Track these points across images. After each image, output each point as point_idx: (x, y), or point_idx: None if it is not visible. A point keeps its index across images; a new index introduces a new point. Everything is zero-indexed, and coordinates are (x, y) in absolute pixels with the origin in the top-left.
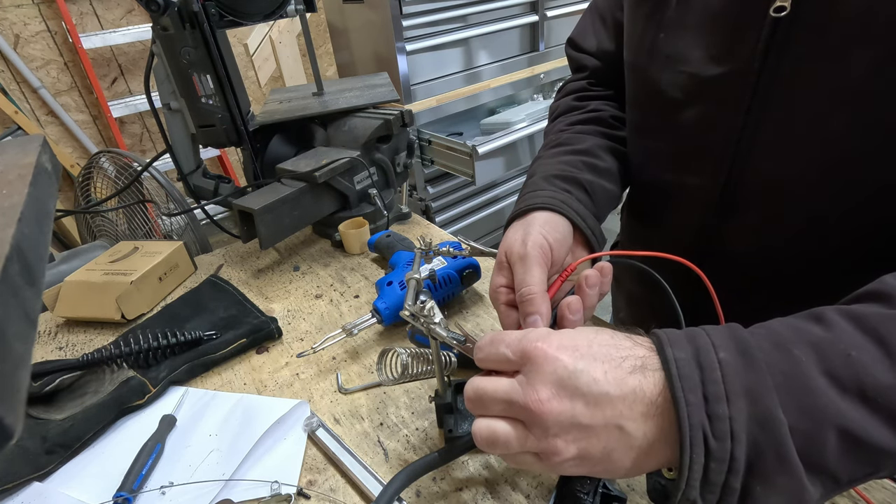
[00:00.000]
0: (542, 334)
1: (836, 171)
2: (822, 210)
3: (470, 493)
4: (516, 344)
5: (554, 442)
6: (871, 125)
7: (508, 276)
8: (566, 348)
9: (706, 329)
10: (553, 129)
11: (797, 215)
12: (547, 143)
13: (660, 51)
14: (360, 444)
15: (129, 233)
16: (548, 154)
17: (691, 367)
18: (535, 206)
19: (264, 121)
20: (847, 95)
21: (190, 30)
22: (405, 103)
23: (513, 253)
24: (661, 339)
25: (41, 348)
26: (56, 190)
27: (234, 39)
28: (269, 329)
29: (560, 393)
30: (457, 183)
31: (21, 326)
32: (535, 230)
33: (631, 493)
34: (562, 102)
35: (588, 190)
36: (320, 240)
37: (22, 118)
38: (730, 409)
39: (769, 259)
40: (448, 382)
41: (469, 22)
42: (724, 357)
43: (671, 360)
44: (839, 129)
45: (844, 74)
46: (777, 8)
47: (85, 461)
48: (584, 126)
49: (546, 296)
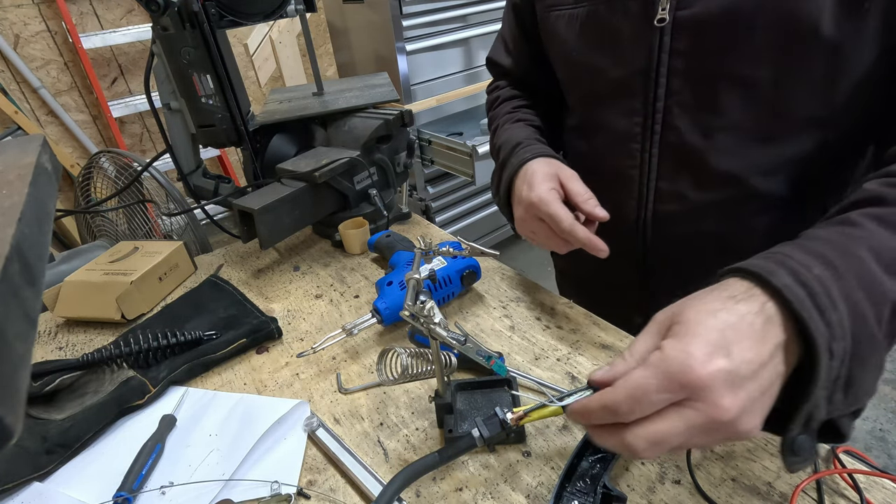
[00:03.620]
0: (682, 359)
1: (740, 137)
2: (737, 171)
3: (470, 493)
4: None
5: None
6: (755, 100)
7: (557, 186)
8: (714, 355)
9: (783, 252)
10: (501, 112)
11: (718, 176)
12: (506, 118)
13: (578, 65)
14: (360, 444)
15: (129, 233)
16: (514, 126)
17: (798, 288)
18: (548, 154)
19: (264, 121)
20: (728, 78)
21: (190, 30)
22: (405, 103)
23: (565, 172)
24: (759, 274)
25: (41, 348)
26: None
27: (234, 39)
28: (269, 329)
29: (736, 391)
30: (457, 183)
31: (21, 326)
32: (563, 166)
33: (631, 493)
34: (502, 92)
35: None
36: (320, 240)
37: (22, 118)
38: (837, 313)
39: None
40: (448, 382)
41: (469, 22)
42: (818, 273)
43: (781, 287)
44: (730, 104)
45: (720, 62)
46: (659, 19)
47: (85, 461)
48: (527, 111)
49: None
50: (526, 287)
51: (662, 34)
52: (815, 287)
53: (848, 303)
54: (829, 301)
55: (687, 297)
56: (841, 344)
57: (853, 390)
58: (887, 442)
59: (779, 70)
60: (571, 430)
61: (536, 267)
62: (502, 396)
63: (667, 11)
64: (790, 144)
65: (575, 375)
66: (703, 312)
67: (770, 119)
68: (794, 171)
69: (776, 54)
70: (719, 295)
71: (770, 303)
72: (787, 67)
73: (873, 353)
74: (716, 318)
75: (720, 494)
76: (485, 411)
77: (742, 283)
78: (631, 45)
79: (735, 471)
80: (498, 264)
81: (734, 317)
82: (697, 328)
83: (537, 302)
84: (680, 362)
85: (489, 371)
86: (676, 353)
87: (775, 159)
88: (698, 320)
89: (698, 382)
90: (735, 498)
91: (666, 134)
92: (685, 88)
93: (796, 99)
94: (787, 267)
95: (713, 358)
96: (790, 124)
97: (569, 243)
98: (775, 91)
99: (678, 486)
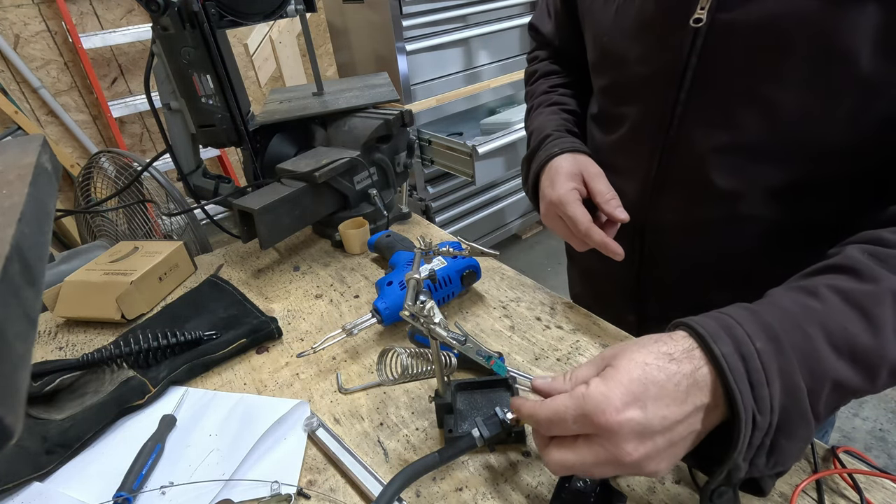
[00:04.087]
0: (600, 401)
1: (749, 157)
2: (739, 190)
3: (470, 493)
4: (583, 419)
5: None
6: (774, 121)
7: (580, 185)
8: (630, 405)
9: (734, 317)
10: (538, 89)
11: (718, 193)
12: (542, 100)
13: (607, 50)
14: (360, 444)
15: (129, 233)
16: (548, 111)
17: (735, 359)
18: (577, 149)
19: (264, 121)
20: (751, 94)
21: (190, 30)
22: (405, 103)
23: (590, 171)
24: (703, 336)
25: (41, 348)
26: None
27: (234, 39)
28: (269, 329)
29: (643, 441)
30: (457, 183)
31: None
32: (590, 162)
33: (631, 492)
34: (540, 65)
35: (580, 139)
36: (320, 240)
37: (22, 118)
38: (769, 389)
39: (695, 234)
40: (448, 382)
41: (469, 22)
42: (760, 346)
43: (719, 355)
44: (748, 122)
45: (747, 76)
46: (695, 19)
47: (85, 461)
48: (565, 89)
49: None
50: (526, 287)
51: (696, 36)
52: (753, 361)
53: (784, 379)
54: (764, 376)
55: (636, 339)
56: (767, 418)
57: (776, 457)
58: (887, 442)
59: (806, 95)
60: None
61: (536, 267)
62: (502, 396)
63: (705, 12)
64: (801, 173)
65: None
66: (634, 363)
67: (785, 144)
68: (799, 199)
69: (807, 78)
70: (659, 349)
71: (704, 368)
72: (815, 94)
73: (802, 427)
74: (644, 371)
75: (720, 494)
76: (485, 411)
77: (685, 342)
78: (661, 40)
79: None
80: (498, 264)
81: (663, 375)
82: (623, 377)
83: (537, 302)
84: (597, 403)
85: (489, 371)
86: (597, 394)
87: (782, 185)
88: (628, 369)
89: (607, 426)
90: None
91: (675, 142)
92: (706, 98)
93: (818, 128)
94: (732, 335)
95: (628, 408)
96: (806, 152)
97: (586, 243)
98: (798, 116)
99: (678, 486)
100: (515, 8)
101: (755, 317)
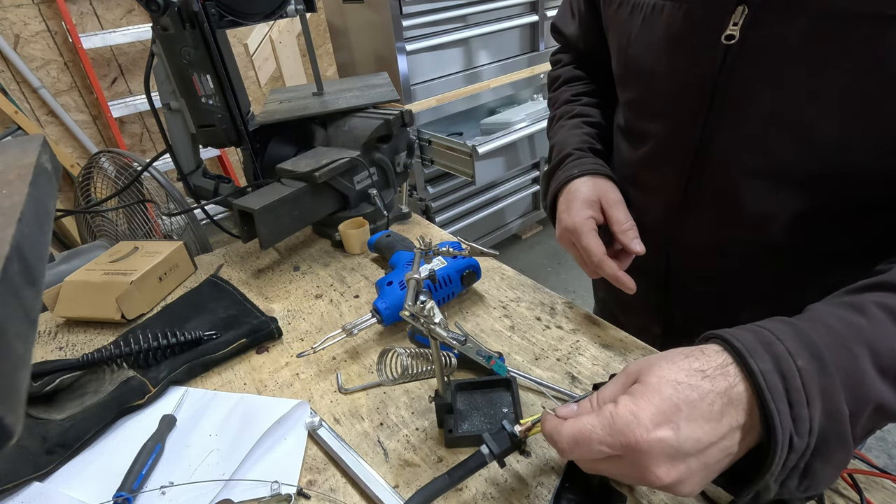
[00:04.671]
0: (629, 420)
1: (780, 180)
2: (769, 213)
3: (470, 493)
4: (611, 439)
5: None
6: (808, 144)
7: (597, 213)
8: (661, 425)
9: (774, 332)
10: (561, 97)
11: (747, 216)
12: (564, 111)
13: (632, 63)
14: (360, 444)
15: (129, 233)
16: (570, 124)
17: (774, 377)
18: (597, 172)
19: (264, 121)
20: (786, 117)
21: (190, 30)
22: (405, 103)
23: (609, 198)
24: (740, 351)
25: (41, 348)
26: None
27: (234, 39)
28: (269, 329)
29: (674, 463)
30: (457, 183)
31: (21, 326)
32: (610, 187)
33: (631, 492)
34: (563, 70)
35: (604, 159)
36: (320, 240)
37: (22, 118)
38: (810, 410)
39: (722, 254)
40: (448, 382)
41: (469, 22)
42: (801, 365)
43: (757, 372)
44: (780, 145)
45: (782, 98)
46: (727, 36)
47: (85, 461)
48: (589, 98)
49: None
50: (526, 287)
51: (728, 53)
52: (793, 380)
53: (825, 401)
54: (805, 396)
55: (665, 352)
56: (805, 440)
57: (809, 480)
58: (887, 442)
59: (846, 121)
60: None
61: (536, 267)
62: (502, 396)
63: (738, 28)
64: (836, 199)
65: (575, 375)
66: (665, 380)
67: (822, 170)
68: (831, 224)
69: (848, 103)
70: (690, 365)
71: (740, 385)
72: (856, 119)
73: (840, 451)
74: (676, 390)
75: (720, 494)
76: (485, 411)
77: (719, 357)
78: (690, 56)
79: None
80: (498, 264)
81: (696, 394)
82: (654, 395)
83: (537, 302)
84: (626, 422)
85: (489, 371)
86: (626, 412)
87: (814, 210)
88: (658, 387)
89: (636, 446)
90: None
91: (703, 163)
92: (737, 119)
93: (856, 155)
94: (771, 352)
95: (659, 427)
96: (842, 179)
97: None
98: (835, 143)
99: None
100: (515, 8)
101: (797, 333)
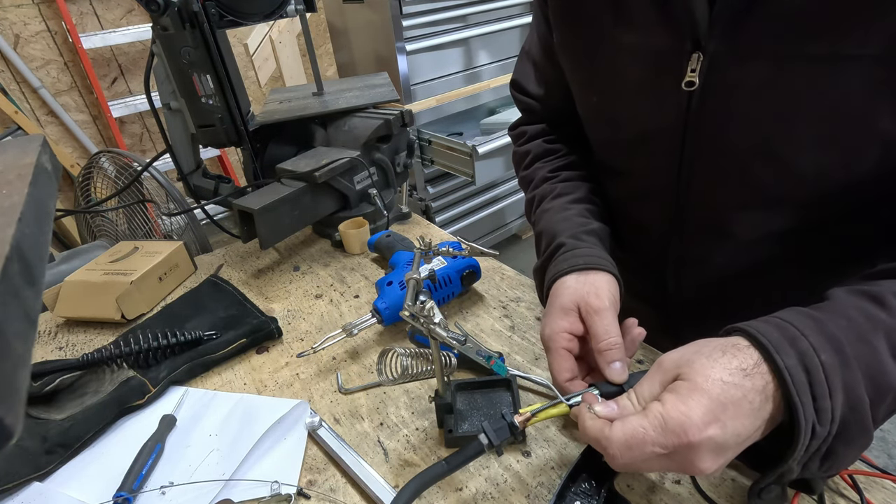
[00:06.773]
0: (682, 420)
1: (766, 208)
2: (760, 241)
3: (470, 493)
4: (664, 440)
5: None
6: (787, 175)
7: (574, 323)
8: (710, 424)
9: (796, 325)
10: (537, 175)
11: (738, 241)
12: (544, 192)
13: (599, 112)
14: (360, 444)
15: (129, 233)
16: (556, 206)
17: (800, 372)
18: (592, 266)
19: (264, 121)
20: (761, 151)
21: (190, 30)
22: (405, 103)
23: (590, 305)
24: (766, 347)
25: (41, 348)
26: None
27: (234, 39)
28: (269, 329)
29: (718, 456)
30: (457, 183)
31: (21, 326)
32: (604, 288)
33: (631, 493)
34: (533, 146)
35: (601, 238)
36: (320, 240)
37: (22, 118)
38: (832, 402)
39: (719, 278)
40: (448, 382)
41: (469, 22)
42: (825, 359)
43: (783, 368)
44: (760, 177)
45: (752, 135)
46: (687, 83)
47: (85, 461)
48: (569, 172)
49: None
50: (526, 287)
51: (691, 98)
52: (817, 374)
53: (847, 393)
54: (828, 389)
55: (695, 345)
56: (827, 427)
57: (830, 462)
58: (887, 442)
59: (822, 153)
60: (571, 430)
61: None
62: (502, 396)
63: (696, 74)
64: (827, 218)
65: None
66: (711, 380)
67: (808, 198)
68: (825, 236)
69: (821, 136)
70: (730, 363)
71: (772, 383)
72: (832, 151)
73: (860, 436)
74: (723, 390)
75: (720, 494)
76: (485, 411)
77: (751, 354)
78: (654, 103)
79: (735, 471)
80: (498, 264)
81: (740, 393)
82: (703, 395)
83: (537, 302)
84: (679, 423)
85: (489, 371)
86: (677, 413)
87: (807, 229)
88: (706, 388)
89: (689, 445)
90: (735, 498)
91: (686, 197)
92: (714, 155)
93: (839, 183)
94: (796, 347)
95: (709, 427)
96: (831, 202)
97: None
98: (815, 173)
99: (678, 486)
100: (515, 8)
101: (819, 326)
